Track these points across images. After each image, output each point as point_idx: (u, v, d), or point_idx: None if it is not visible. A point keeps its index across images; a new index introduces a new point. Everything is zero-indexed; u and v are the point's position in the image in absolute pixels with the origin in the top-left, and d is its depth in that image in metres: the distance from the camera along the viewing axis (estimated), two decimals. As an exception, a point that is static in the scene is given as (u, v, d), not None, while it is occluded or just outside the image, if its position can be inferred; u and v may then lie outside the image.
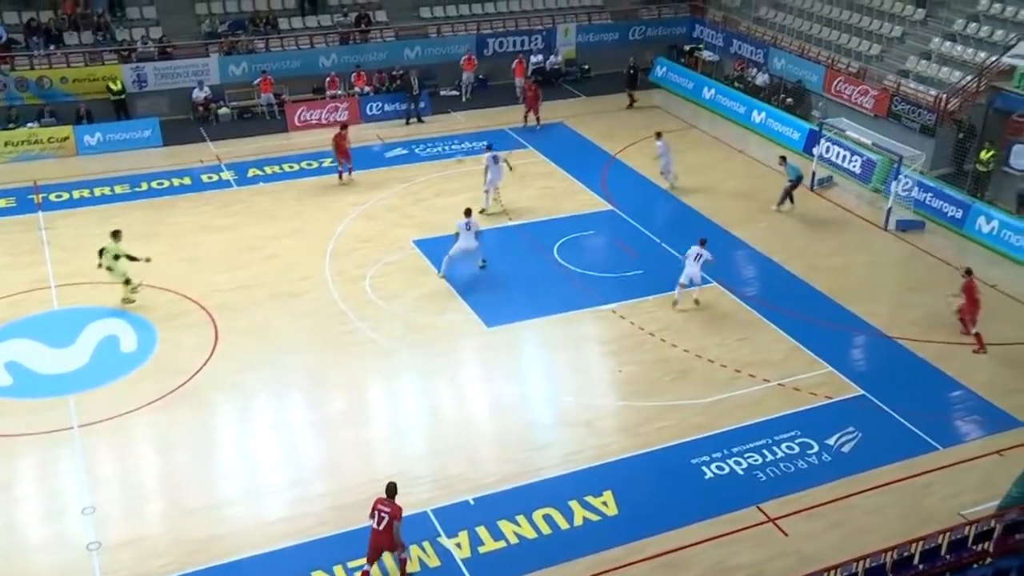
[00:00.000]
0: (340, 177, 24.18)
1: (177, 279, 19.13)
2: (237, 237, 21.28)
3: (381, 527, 11.91)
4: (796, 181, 22.81)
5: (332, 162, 24.57)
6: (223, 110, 28.53)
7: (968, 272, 17.93)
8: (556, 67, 32.44)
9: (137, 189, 23.97)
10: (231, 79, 29.03)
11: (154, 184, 24.26)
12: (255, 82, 28.78)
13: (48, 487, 13.85)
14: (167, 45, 28.72)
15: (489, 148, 22.72)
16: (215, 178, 24.66)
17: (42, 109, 26.86)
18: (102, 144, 26.39)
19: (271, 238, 21.31)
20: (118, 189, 23.96)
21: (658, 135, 24.19)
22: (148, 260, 18.48)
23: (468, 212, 19.59)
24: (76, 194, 23.62)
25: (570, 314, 18.37)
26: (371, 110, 28.95)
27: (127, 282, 18.30)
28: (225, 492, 13.76)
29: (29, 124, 26.42)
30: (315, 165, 25.28)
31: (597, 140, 27.13)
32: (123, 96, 27.58)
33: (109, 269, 18.18)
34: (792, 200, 22.90)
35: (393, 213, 22.64)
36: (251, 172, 24.94)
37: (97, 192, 23.78)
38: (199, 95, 28.24)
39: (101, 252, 18.16)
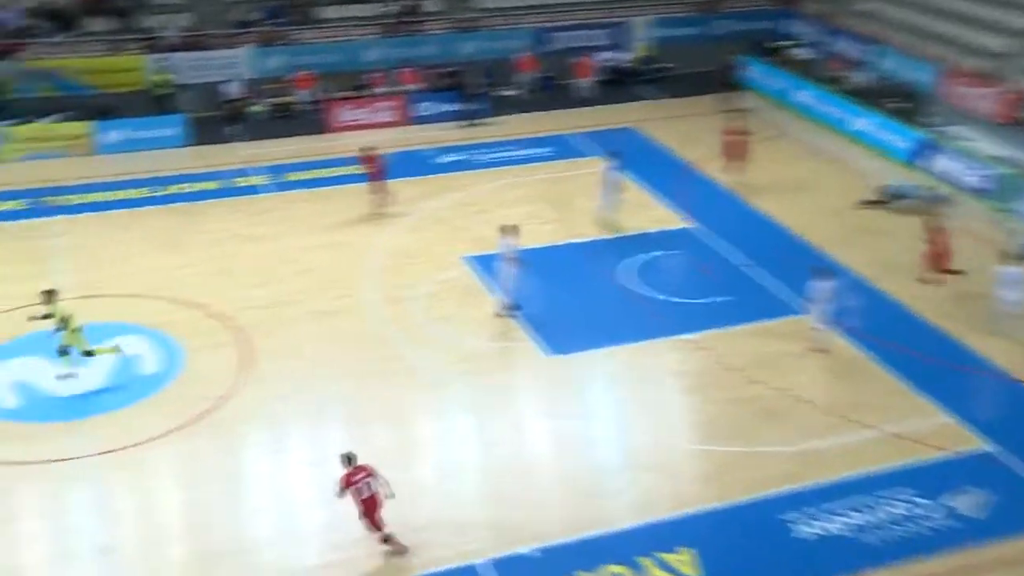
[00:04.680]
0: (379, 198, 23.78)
1: (206, 293, 19.53)
2: (272, 248, 21.71)
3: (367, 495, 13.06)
4: (894, 197, 22.42)
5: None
6: (256, 107, 29.14)
7: None
8: (628, 65, 32.58)
9: (161, 193, 24.64)
10: (265, 73, 29.66)
11: (180, 188, 24.90)
12: (292, 77, 29.37)
13: (58, 524, 14.16)
14: (196, 34, 29.44)
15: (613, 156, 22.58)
16: (247, 183, 25.24)
17: (57, 103, 27.71)
18: (122, 143, 27.18)
19: (309, 250, 21.68)
20: (139, 193, 24.65)
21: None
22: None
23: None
24: (93, 197, 24.33)
25: (642, 344, 18.31)
26: (421, 111, 29.33)
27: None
28: (254, 535, 13.91)
29: (43, 119, 27.28)
30: (363, 170, 25.62)
31: (675, 148, 27.12)
32: (171, 91, 28.24)
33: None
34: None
35: (444, 226, 22.90)
36: (287, 176, 25.45)
37: (117, 195, 24.47)
38: (231, 90, 28.89)
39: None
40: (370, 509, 13.17)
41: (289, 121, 29.00)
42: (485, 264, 20.70)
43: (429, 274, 20.62)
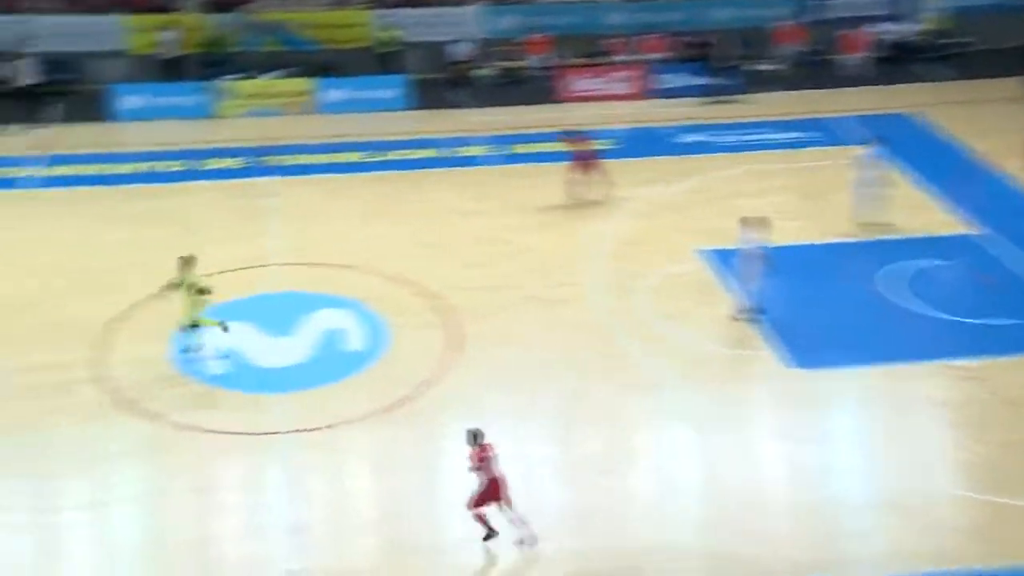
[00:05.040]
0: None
1: (416, 269, 20.31)
2: (488, 225, 22.35)
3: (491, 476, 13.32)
4: None
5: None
6: (483, 71, 29.92)
7: None
8: (913, 39, 31.13)
9: (378, 158, 25.85)
10: (496, 34, 30.39)
11: (398, 154, 26.04)
12: (524, 40, 29.96)
13: (251, 498, 15.14)
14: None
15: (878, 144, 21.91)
16: (468, 153, 26.07)
17: (280, 58, 29.55)
18: (343, 103, 28.68)
19: (528, 230, 22.17)
20: (356, 157, 25.98)
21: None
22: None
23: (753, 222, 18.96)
24: (309, 159, 25.81)
25: (903, 365, 17.61)
26: (662, 83, 29.35)
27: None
28: (451, 534, 14.29)
29: (265, 75, 29.20)
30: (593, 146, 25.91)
31: (966, 139, 25.78)
32: (398, 49, 29.59)
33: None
34: None
35: (678, 214, 22.85)
36: (511, 149, 26.04)
37: (333, 158, 25.88)
38: (459, 51, 29.81)
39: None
40: (493, 493, 13.37)
41: (517, 88, 29.63)
42: (724, 259, 20.39)
43: (659, 266, 20.57)
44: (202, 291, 17.58)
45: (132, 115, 28.37)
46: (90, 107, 28.58)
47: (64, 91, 28.92)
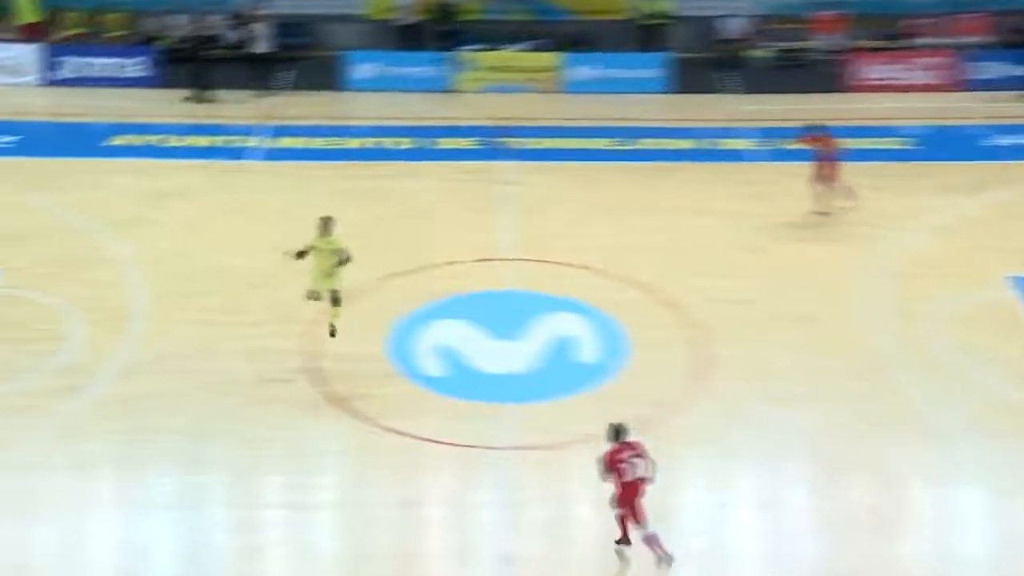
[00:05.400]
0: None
1: (661, 275, 20.20)
2: (744, 229, 22.08)
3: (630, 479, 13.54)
4: None
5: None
6: (758, 52, 29.57)
7: None
8: None
9: (628, 147, 25.94)
10: (778, 9, 29.99)
11: (651, 143, 26.10)
12: (811, 17, 29.39)
13: (461, 517, 15.34)
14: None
15: None
16: (732, 145, 25.94)
17: (526, 29, 30.04)
18: (593, 81, 29.11)
19: (795, 239, 21.86)
20: (603, 143, 26.20)
21: None
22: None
23: None
24: (553, 143, 26.22)
25: None
26: (978, 72, 28.58)
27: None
28: (678, 579, 14.19)
29: (509, 46, 29.78)
30: (884, 145, 25.27)
31: None
32: (665, 23, 29.71)
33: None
34: None
35: (986, 231, 22.03)
36: (783, 143, 25.51)
37: (578, 144, 26.25)
38: (731, 28, 29.55)
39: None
40: (629, 496, 13.46)
41: (797, 72, 29.24)
42: (1038, 289, 19.56)
43: (955, 291, 19.85)
44: (342, 261, 17.48)
45: (364, 85, 29.59)
46: (321, 75, 29.95)
47: (297, 57, 30.34)
